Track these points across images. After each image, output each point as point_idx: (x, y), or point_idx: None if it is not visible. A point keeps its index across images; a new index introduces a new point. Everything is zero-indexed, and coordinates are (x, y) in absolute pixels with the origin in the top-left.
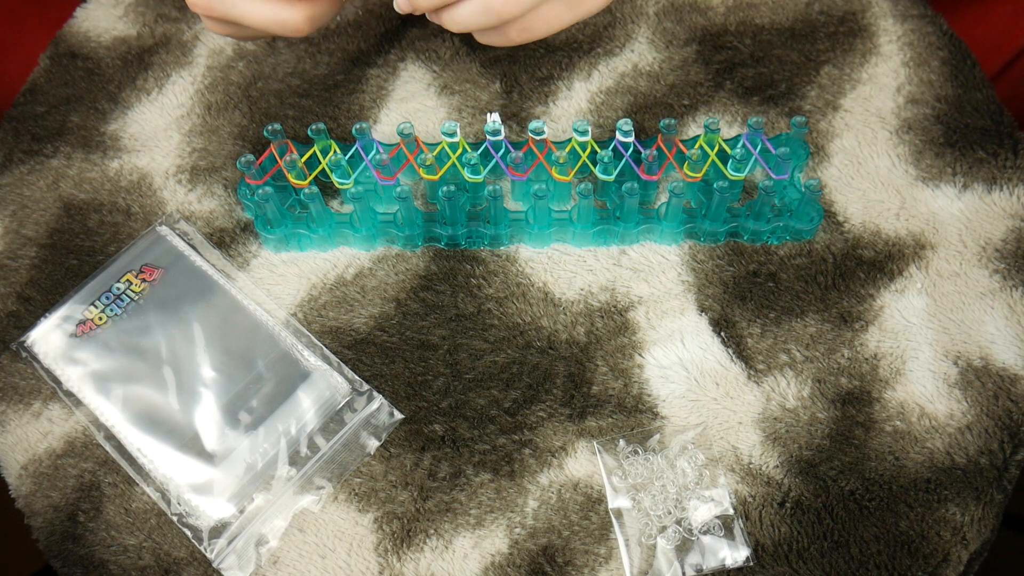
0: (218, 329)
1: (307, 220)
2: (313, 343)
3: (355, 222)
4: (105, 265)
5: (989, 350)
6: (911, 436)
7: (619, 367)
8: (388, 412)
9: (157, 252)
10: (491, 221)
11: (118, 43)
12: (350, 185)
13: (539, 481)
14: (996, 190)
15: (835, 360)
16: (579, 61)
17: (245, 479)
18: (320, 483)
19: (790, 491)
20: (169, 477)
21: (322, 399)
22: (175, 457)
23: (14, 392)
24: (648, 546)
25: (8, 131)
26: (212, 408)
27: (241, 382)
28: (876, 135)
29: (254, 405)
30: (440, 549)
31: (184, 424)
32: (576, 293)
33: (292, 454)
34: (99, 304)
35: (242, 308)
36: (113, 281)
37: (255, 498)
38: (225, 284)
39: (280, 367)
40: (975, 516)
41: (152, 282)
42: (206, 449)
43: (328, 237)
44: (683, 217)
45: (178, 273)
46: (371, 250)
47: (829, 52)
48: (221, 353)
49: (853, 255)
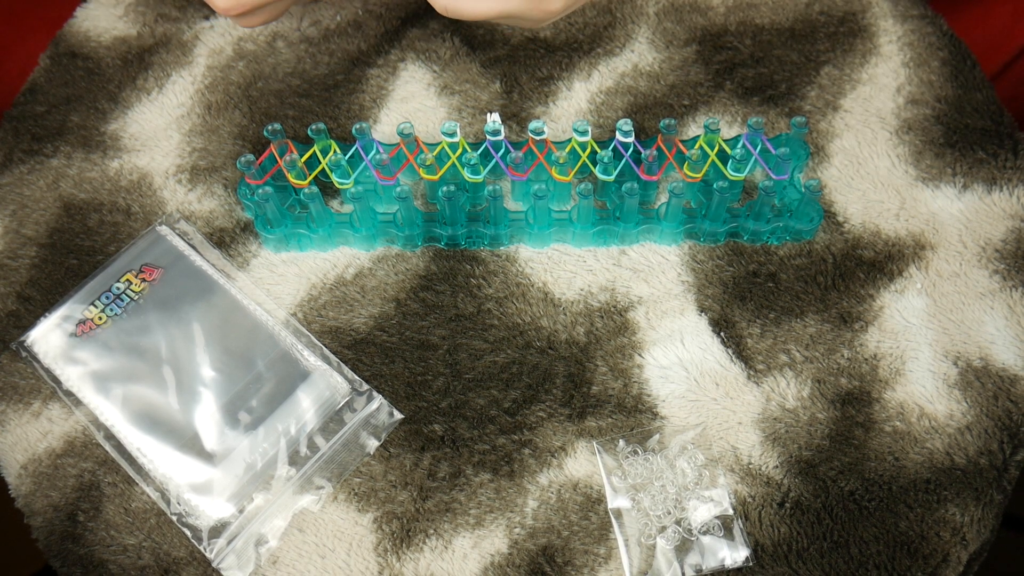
0: (218, 329)
1: (307, 220)
2: (313, 343)
3: (355, 222)
4: (105, 265)
5: (989, 350)
6: (911, 436)
7: (619, 367)
8: (388, 412)
9: (157, 252)
10: (491, 221)
11: (118, 43)
12: (350, 185)
13: (539, 481)
14: (996, 190)
15: (835, 360)
16: (579, 61)
17: (245, 479)
18: (320, 483)
19: (790, 491)
20: (169, 477)
21: (322, 399)
22: (175, 457)
23: (14, 392)
24: (648, 546)
25: (8, 131)
26: (212, 408)
27: (241, 382)
28: (876, 135)
29: (254, 405)
30: (440, 549)
31: (184, 424)
32: (576, 293)
33: (292, 454)
34: (99, 304)
35: (242, 308)
36: (113, 281)
37: (255, 498)
38: (225, 284)
39: (280, 367)
40: (975, 516)
41: (152, 282)
42: (206, 449)
43: (328, 237)
44: (683, 217)
45: (178, 273)
46: (371, 250)
47: (829, 52)
48: (221, 353)
49: (853, 255)
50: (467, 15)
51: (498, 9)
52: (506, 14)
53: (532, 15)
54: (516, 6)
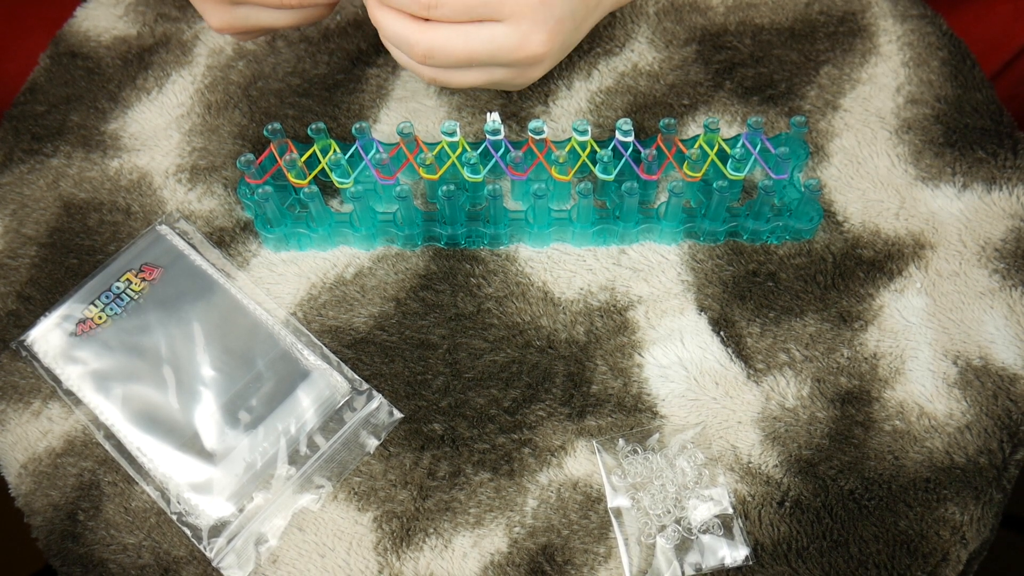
0: (218, 328)
1: (307, 219)
2: (313, 342)
3: (355, 221)
4: (105, 264)
5: (988, 350)
6: (910, 435)
7: (618, 366)
8: (388, 411)
9: (157, 251)
10: (491, 220)
11: (118, 42)
12: (350, 184)
13: (538, 480)
14: (996, 190)
15: (834, 359)
16: (579, 61)
17: (245, 478)
18: (320, 482)
19: (789, 490)
20: (169, 476)
21: (322, 398)
22: (175, 456)
23: (14, 391)
24: (647, 545)
25: (8, 130)
26: (212, 407)
27: (241, 381)
28: (876, 135)
29: (254, 404)
30: (439, 548)
31: (184, 423)
32: (576, 292)
33: (292, 453)
34: (99, 303)
35: (242, 307)
36: (113, 280)
37: (255, 497)
38: (225, 283)
39: (280, 366)
40: (974, 516)
41: (152, 281)
42: (206, 448)
43: (328, 236)
44: (683, 217)
45: (178, 272)
46: (371, 249)
47: (829, 52)
48: (221, 352)
49: (853, 255)
50: (453, 86)
51: (483, 80)
52: (491, 84)
53: (515, 82)
54: (500, 76)
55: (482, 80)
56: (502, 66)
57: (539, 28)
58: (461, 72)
